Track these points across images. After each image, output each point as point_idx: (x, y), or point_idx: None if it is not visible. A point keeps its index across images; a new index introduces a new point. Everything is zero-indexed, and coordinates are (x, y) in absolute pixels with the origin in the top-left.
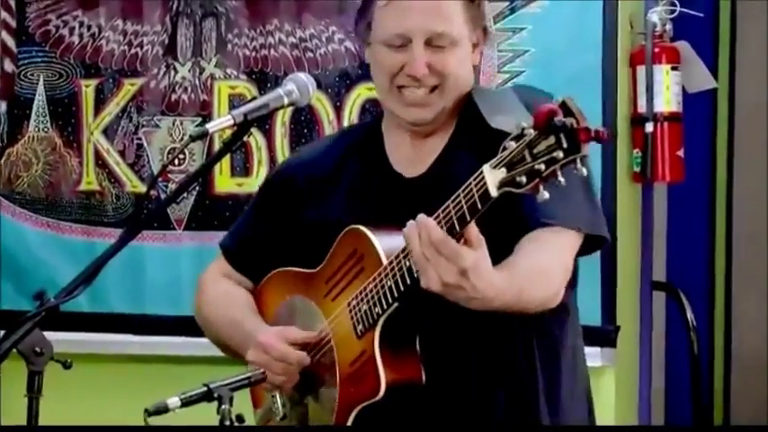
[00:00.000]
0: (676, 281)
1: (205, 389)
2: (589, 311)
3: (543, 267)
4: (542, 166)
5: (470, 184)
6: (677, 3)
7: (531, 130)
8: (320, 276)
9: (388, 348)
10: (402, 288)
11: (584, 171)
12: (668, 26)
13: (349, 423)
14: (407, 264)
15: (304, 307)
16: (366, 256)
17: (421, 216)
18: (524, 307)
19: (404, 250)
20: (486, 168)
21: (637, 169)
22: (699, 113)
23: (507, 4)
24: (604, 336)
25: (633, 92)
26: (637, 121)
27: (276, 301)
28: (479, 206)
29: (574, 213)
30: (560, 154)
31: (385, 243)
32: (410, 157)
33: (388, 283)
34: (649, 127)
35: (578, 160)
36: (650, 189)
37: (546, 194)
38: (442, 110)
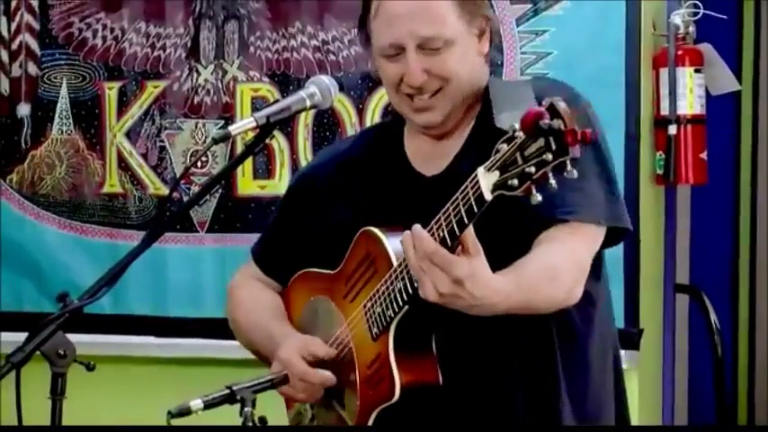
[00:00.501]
0: (700, 283)
1: (228, 391)
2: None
3: (553, 267)
4: (533, 169)
5: (467, 187)
6: (700, 5)
7: (521, 133)
8: (340, 277)
9: (402, 350)
10: (411, 291)
11: (575, 173)
12: (691, 28)
13: (369, 425)
14: None
15: (326, 308)
16: (378, 258)
17: (415, 227)
18: (534, 309)
19: None
20: (480, 171)
21: (660, 172)
22: (722, 116)
23: (530, 6)
24: (628, 338)
25: (656, 94)
26: (660, 123)
27: (301, 302)
28: (475, 210)
29: (592, 207)
30: (549, 156)
31: (397, 244)
32: (430, 155)
33: (398, 285)
34: (673, 129)
35: (568, 163)
36: (673, 191)
37: (539, 197)
38: (451, 110)
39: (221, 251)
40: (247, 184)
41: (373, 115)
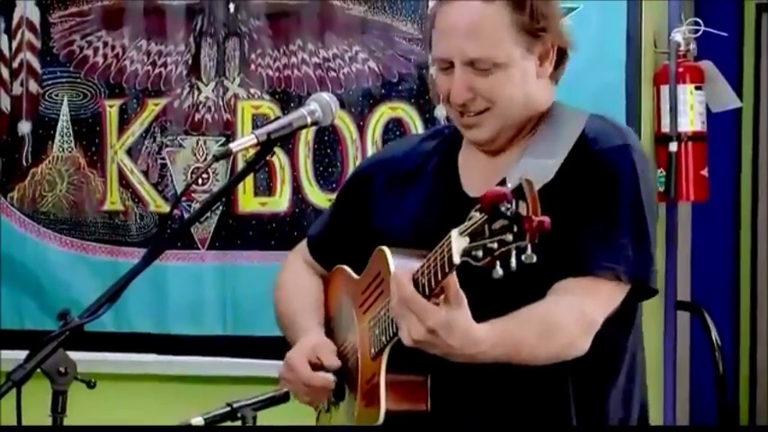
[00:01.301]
0: (701, 300)
1: (228, 408)
2: None
3: (549, 321)
4: (495, 245)
5: (442, 245)
6: (701, 22)
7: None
8: (360, 285)
9: (396, 376)
10: None
11: (534, 258)
12: (692, 45)
13: None
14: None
15: (349, 309)
16: (385, 281)
17: (396, 272)
18: (524, 361)
19: None
20: (453, 233)
21: (661, 188)
22: (723, 133)
23: None
24: None
25: (657, 111)
26: (661, 140)
27: (336, 295)
28: (446, 269)
29: (615, 263)
30: (509, 237)
31: (402, 269)
32: (479, 175)
33: (392, 313)
34: (673, 146)
35: (529, 247)
36: (674, 208)
37: (500, 272)
38: (500, 129)
39: (222, 268)
40: (248, 201)
41: (374, 132)
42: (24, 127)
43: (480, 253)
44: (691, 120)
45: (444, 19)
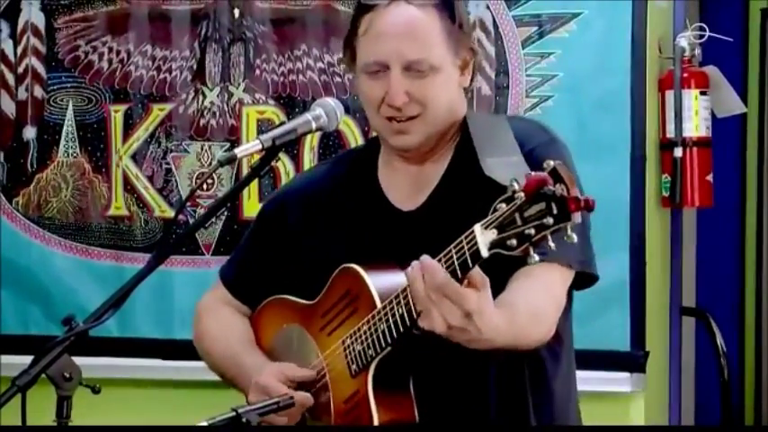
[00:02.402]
0: (706, 306)
1: (233, 413)
2: (618, 337)
3: (538, 307)
4: (532, 231)
5: (462, 241)
6: (706, 27)
7: (522, 194)
8: (317, 309)
9: (381, 389)
10: (395, 334)
11: (574, 238)
12: (697, 51)
13: None
14: (401, 311)
15: (300, 337)
16: (360, 297)
17: (424, 257)
18: (520, 346)
19: (397, 296)
20: (477, 228)
21: (666, 194)
22: (728, 138)
23: (535, 29)
24: (634, 361)
25: (662, 117)
26: (666, 145)
27: (273, 329)
28: (470, 264)
29: (567, 250)
30: (550, 220)
31: (379, 284)
32: (406, 188)
33: (382, 327)
34: (678, 152)
35: (569, 227)
36: (679, 214)
37: (536, 257)
38: (428, 136)
39: None
40: (253, 207)
41: None
42: (29, 132)
43: (515, 242)
44: (696, 125)
45: (378, 24)
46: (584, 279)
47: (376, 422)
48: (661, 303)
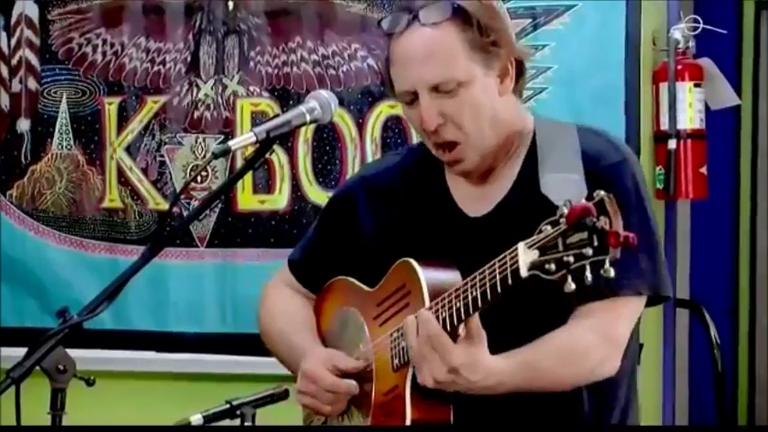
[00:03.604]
0: (700, 298)
1: (228, 406)
2: None
3: (576, 345)
4: (571, 259)
5: (505, 257)
6: (700, 20)
7: (564, 220)
8: (374, 297)
9: (419, 388)
10: None
11: (612, 272)
12: (691, 43)
13: None
14: (444, 314)
15: (356, 321)
16: (413, 293)
17: (421, 312)
18: (546, 388)
19: (443, 299)
20: (520, 246)
21: (660, 186)
22: (722, 130)
23: (530, 21)
24: None
25: (656, 109)
26: (660, 138)
27: (334, 308)
28: (509, 282)
29: (634, 278)
30: (589, 251)
31: (433, 282)
32: (474, 195)
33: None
34: (672, 144)
35: (607, 261)
36: (673, 206)
37: (573, 286)
38: (482, 155)
39: (221, 266)
40: (247, 199)
41: (373, 130)
42: (23, 124)
43: (553, 266)
44: (690, 117)
45: (398, 52)
46: (655, 299)
47: (408, 420)
48: None
